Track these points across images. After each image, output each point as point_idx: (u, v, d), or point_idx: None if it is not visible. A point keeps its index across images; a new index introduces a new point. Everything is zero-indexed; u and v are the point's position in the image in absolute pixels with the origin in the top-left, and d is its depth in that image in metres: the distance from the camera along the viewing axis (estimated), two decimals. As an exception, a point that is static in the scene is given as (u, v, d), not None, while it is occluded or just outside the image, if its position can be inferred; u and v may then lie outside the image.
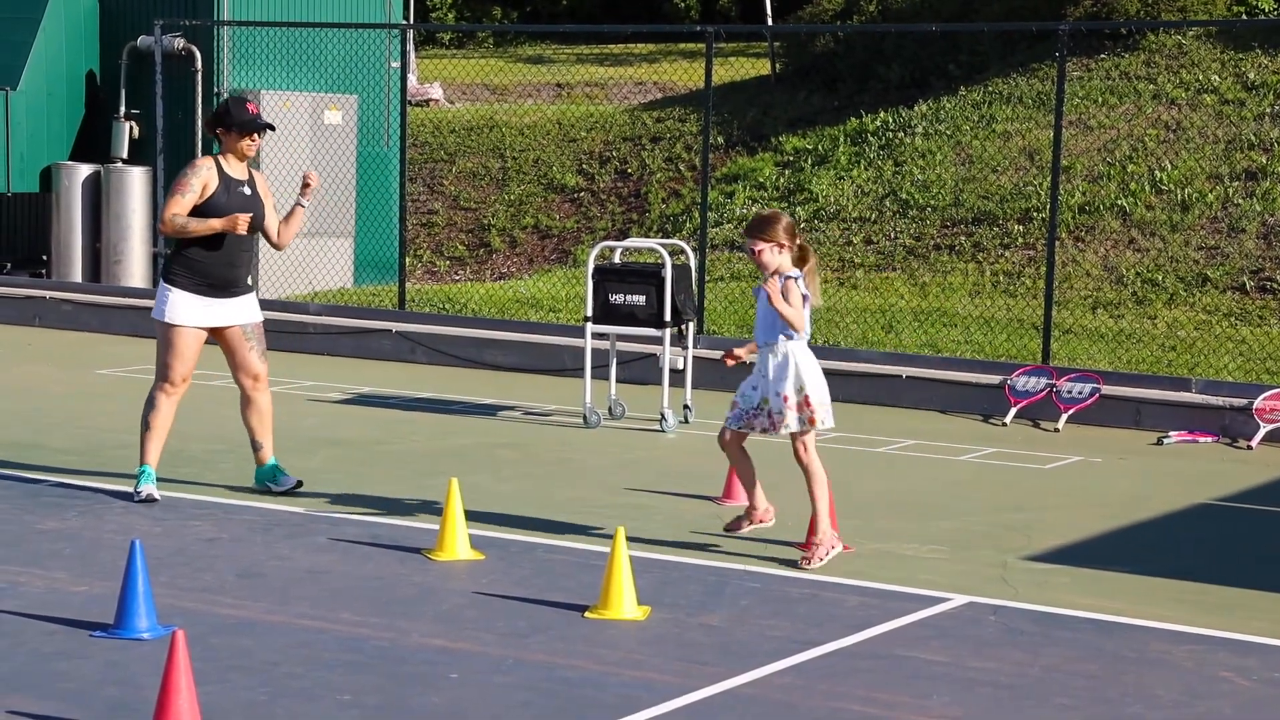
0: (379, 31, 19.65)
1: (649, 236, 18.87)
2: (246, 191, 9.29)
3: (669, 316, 12.10)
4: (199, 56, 18.63)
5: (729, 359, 8.54)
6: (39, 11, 19.04)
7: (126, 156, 18.96)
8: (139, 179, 18.63)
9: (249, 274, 9.42)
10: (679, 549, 8.44)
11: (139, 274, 18.67)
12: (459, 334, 15.35)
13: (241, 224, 9.07)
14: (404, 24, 20.13)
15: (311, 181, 9.38)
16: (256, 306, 9.48)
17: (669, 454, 11.35)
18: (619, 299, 12.25)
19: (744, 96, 22.89)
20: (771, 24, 26.58)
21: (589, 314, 12.37)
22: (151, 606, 6.71)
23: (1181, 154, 18.04)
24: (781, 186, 19.72)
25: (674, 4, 36.36)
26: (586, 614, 7.18)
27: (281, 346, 14.50)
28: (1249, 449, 12.10)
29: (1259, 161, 17.65)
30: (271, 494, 9.38)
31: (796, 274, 8.20)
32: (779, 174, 20.00)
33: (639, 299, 12.18)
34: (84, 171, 18.83)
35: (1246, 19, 21.30)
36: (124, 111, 19.08)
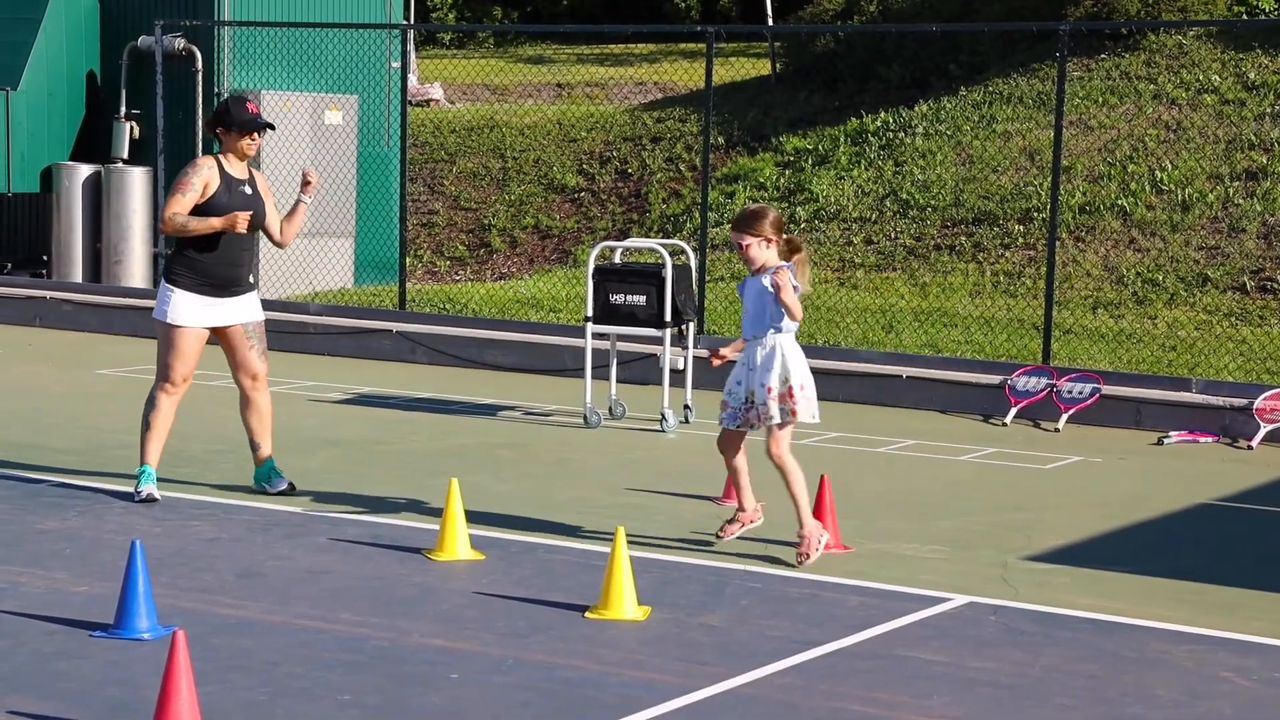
0: (379, 32, 19.65)
1: (649, 236, 18.87)
2: (248, 191, 9.30)
3: (669, 316, 12.10)
4: (199, 56, 18.64)
5: (715, 359, 8.60)
6: (39, 11, 19.05)
7: (127, 157, 18.97)
8: (139, 179, 18.63)
9: (250, 273, 9.43)
10: (679, 549, 8.44)
11: (139, 274, 18.67)
12: (459, 334, 15.35)
13: (241, 222, 9.08)
14: (404, 24, 20.13)
15: (311, 179, 9.40)
16: (258, 305, 9.48)
17: (669, 454, 11.35)
18: (619, 299, 12.25)
19: (744, 96, 22.89)
20: (772, 24, 26.58)
21: (589, 314, 12.37)
22: (152, 606, 6.71)
23: (1182, 154, 18.04)
24: (782, 187, 19.71)
25: (674, 4, 36.36)
26: (586, 614, 7.17)
27: (282, 346, 14.50)
28: (1249, 449, 12.10)
29: (1259, 161, 17.65)
30: (268, 494, 9.39)
31: (787, 265, 8.26)
32: (779, 174, 20.00)
33: (639, 299, 12.19)
34: (84, 172, 18.83)
35: (1247, 19, 21.30)
36: (124, 112, 19.08)
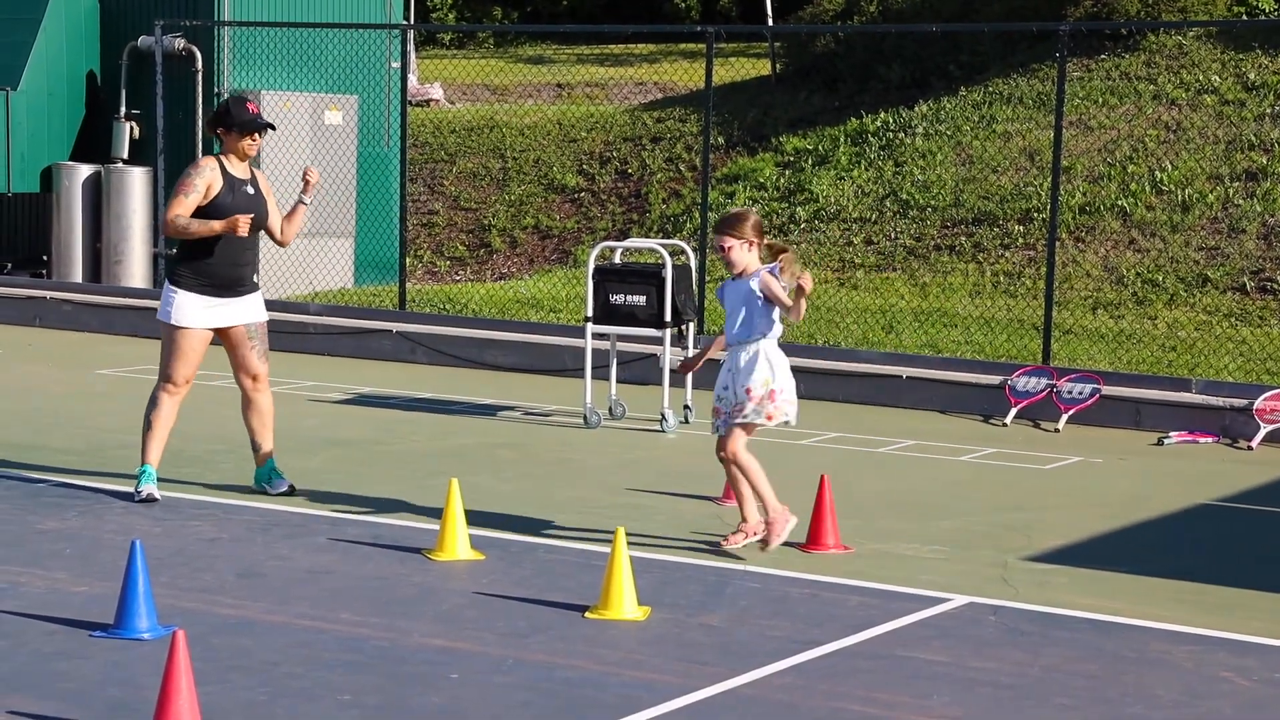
0: (379, 32, 19.65)
1: (649, 237, 18.87)
2: (250, 191, 9.29)
3: (669, 317, 12.10)
4: (199, 57, 18.64)
5: (684, 369, 8.98)
6: (39, 11, 19.05)
7: (127, 157, 18.97)
8: (139, 179, 18.63)
9: (254, 273, 9.42)
10: (679, 549, 8.44)
11: (139, 274, 18.67)
12: (459, 334, 15.35)
13: (242, 226, 9.07)
14: (404, 24, 20.13)
15: (311, 178, 9.39)
16: (261, 306, 9.47)
17: (669, 454, 11.34)
18: (619, 299, 12.25)
19: (744, 97, 22.89)
20: (772, 24, 26.59)
21: (589, 314, 12.37)
22: (152, 606, 6.71)
23: (1182, 154, 18.04)
24: (782, 187, 19.71)
25: (674, 4, 36.36)
26: (586, 614, 7.17)
27: (282, 346, 14.49)
28: (1249, 449, 12.10)
29: (1259, 162, 17.65)
30: (268, 495, 9.39)
31: (769, 267, 8.36)
32: (779, 174, 20.00)
33: (639, 299, 12.19)
34: (84, 172, 18.83)
35: (1247, 19, 21.31)
36: (124, 112, 19.09)
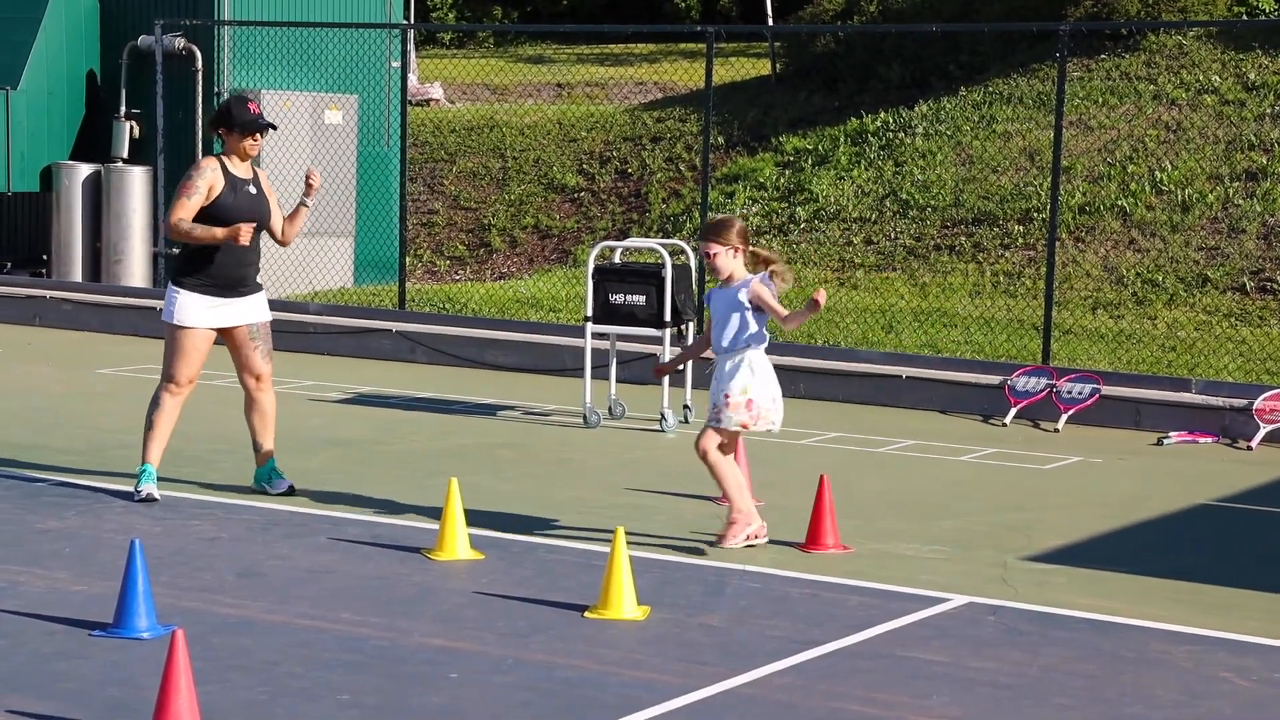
0: (379, 31, 19.65)
1: (649, 236, 18.87)
2: (252, 190, 9.28)
3: (669, 316, 12.10)
4: (199, 56, 18.64)
5: (659, 372, 9.21)
6: (39, 11, 19.05)
7: (127, 156, 18.97)
8: (139, 179, 18.64)
9: (257, 273, 9.41)
10: (679, 549, 8.44)
11: (139, 274, 18.67)
12: (459, 334, 15.35)
13: (244, 235, 9.03)
14: (404, 24, 20.13)
15: (314, 181, 9.37)
16: (265, 306, 9.46)
17: (669, 454, 11.34)
18: (619, 299, 12.25)
19: (744, 96, 22.89)
20: (772, 24, 26.59)
21: (589, 314, 12.37)
22: (151, 606, 6.71)
23: (1182, 154, 18.04)
24: (782, 186, 19.72)
25: (674, 4, 36.36)
26: (586, 614, 7.17)
27: (282, 346, 14.40)
28: (1249, 449, 12.10)
29: (1259, 162, 17.66)
30: (268, 495, 9.39)
31: (759, 277, 8.40)
32: (779, 174, 20.00)
33: (639, 299, 12.19)
34: (84, 171, 18.83)
35: (1247, 19, 21.31)
36: (124, 111, 19.08)
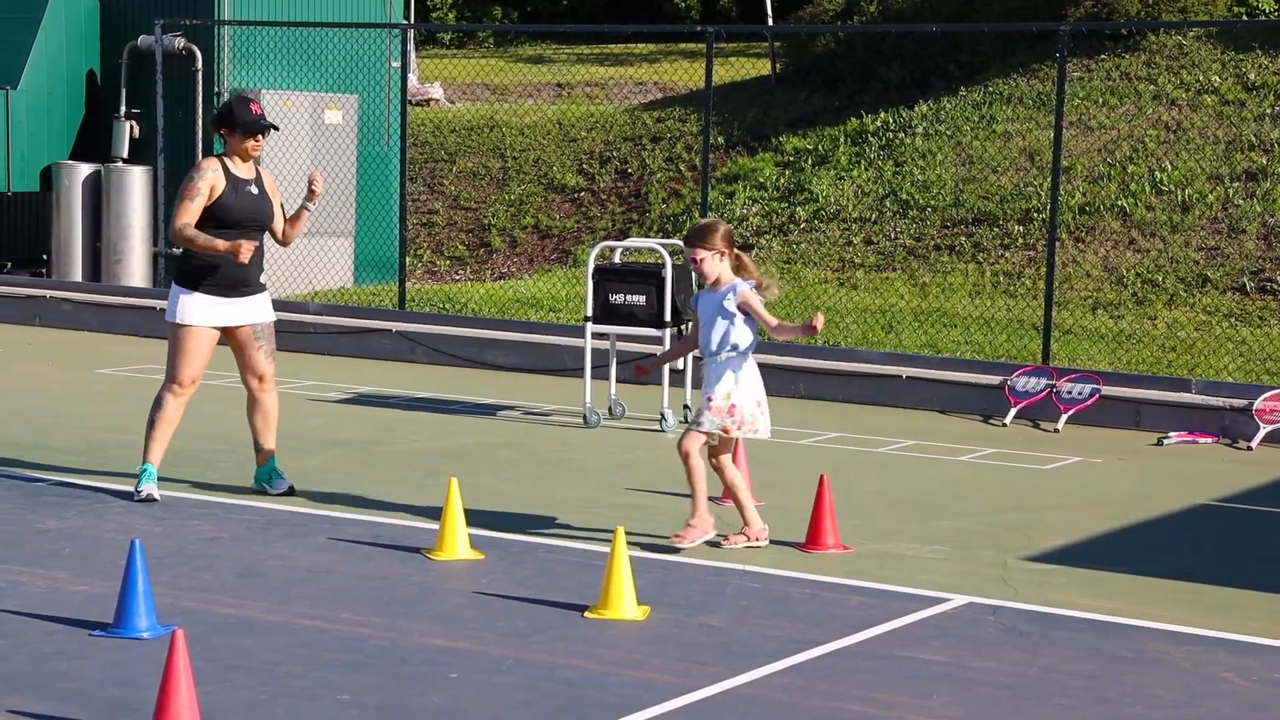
0: (379, 31, 19.65)
1: (649, 236, 18.87)
2: (254, 190, 9.27)
3: (669, 316, 12.11)
4: (199, 56, 18.64)
5: (640, 373, 9.15)
6: (39, 11, 19.05)
7: (127, 156, 18.97)
8: (139, 178, 18.64)
9: (260, 273, 9.40)
10: (679, 549, 8.44)
11: (139, 273, 18.67)
12: (459, 334, 15.35)
13: (244, 254, 9.02)
14: (404, 24, 20.13)
15: (316, 187, 9.33)
16: (269, 306, 9.46)
17: (669, 454, 11.29)
18: (619, 299, 12.25)
19: (744, 96, 22.89)
20: (772, 24, 26.58)
21: (589, 314, 12.38)
22: (151, 606, 6.71)
23: (1182, 155, 18.04)
24: (782, 187, 19.72)
25: (674, 4, 36.36)
26: (586, 614, 7.18)
27: (282, 346, 14.33)
28: (1249, 450, 12.10)
29: (1259, 162, 17.66)
30: (268, 495, 9.39)
31: (748, 283, 8.39)
32: (779, 174, 20.00)
33: (639, 299, 12.19)
34: (84, 171, 18.83)
35: (1247, 20, 21.30)
36: (124, 111, 19.08)
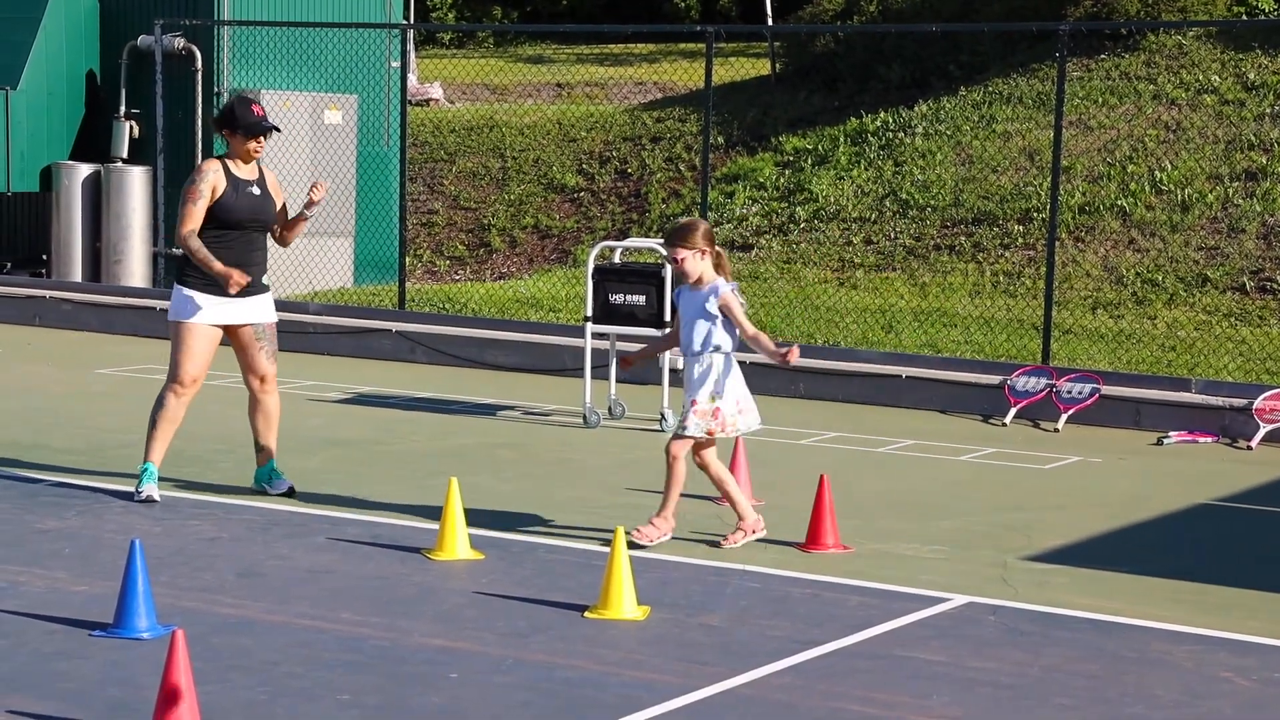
0: (379, 31, 19.65)
1: (649, 236, 18.86)
2: (255, 191, 9.26)
3: (669, 316, 12.10)
4: (199, 56, 18.64)
5: (624, 366, 9.22)
6: (39, 11, 19.05)
7: (127, 156, 18.96)
8: (139, 178, 18.63)
9: (263, 273, 9.39)
10: (679, 549, 8.44)
11: (139, 273, 18.67)
12: (459, 334, 15.34)
13: (235, 284, 9.03)
14: (404, 24, 20.13)
15: (316, 196, 9.28)
16: (271, 306, 9.46)
17: (669, 454, 11.32)
18: (619, 299, 12.25)
19: (744, 96, 22.89)
20: (771, 24, 26.59)
21: (589, 314, 12.37)
22: (151, 606, 6.71)
23: (1181, 154, 18.04)
24: (781, 186, 19.71)
25: (674, 4, 36.36)
26: (586, 614, 7.17)
27: (282, 346, 14.27)
28: (1249, 449, 12.10)
29: (1259, 162, 17.66)
30: (268, 495, 9.39)
31: (730, 285, 8.42)
32: (779, 174, 20.00)
33: (639, 299, 12.19)
34: (84, 171, 18.83)
35: (1246, 19, 21.31)
36: (124, 111, 19.08)
